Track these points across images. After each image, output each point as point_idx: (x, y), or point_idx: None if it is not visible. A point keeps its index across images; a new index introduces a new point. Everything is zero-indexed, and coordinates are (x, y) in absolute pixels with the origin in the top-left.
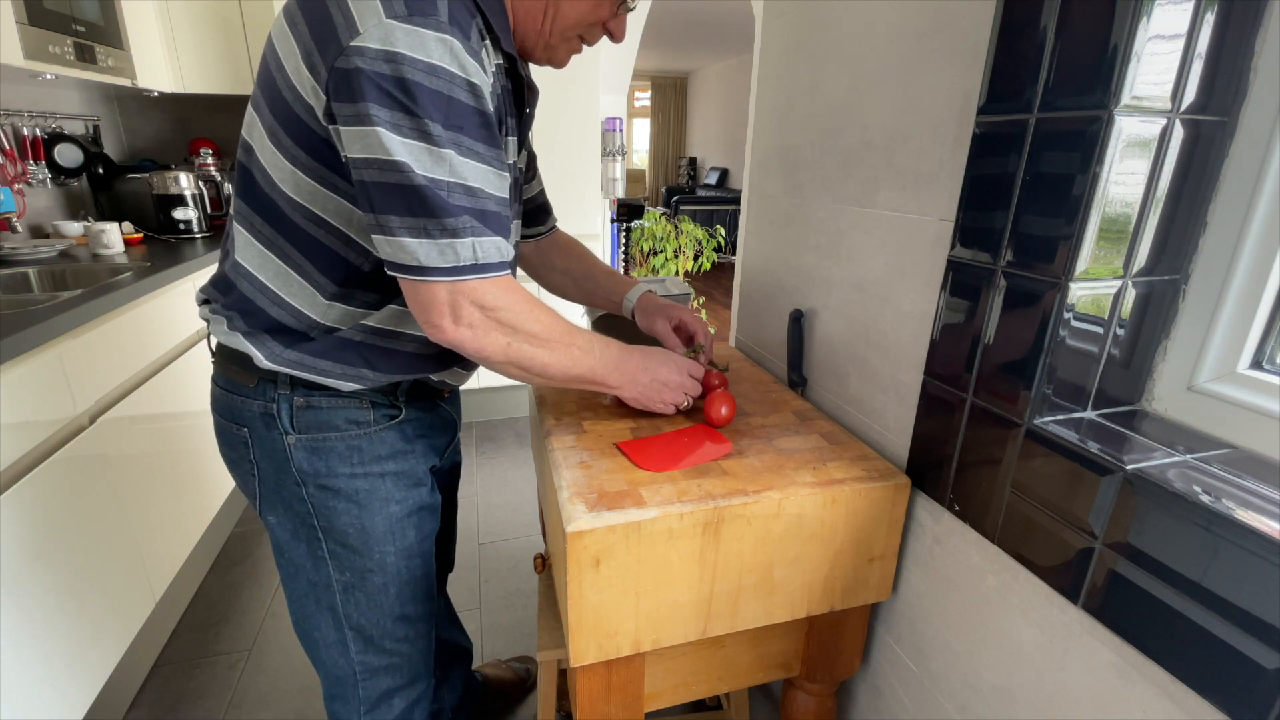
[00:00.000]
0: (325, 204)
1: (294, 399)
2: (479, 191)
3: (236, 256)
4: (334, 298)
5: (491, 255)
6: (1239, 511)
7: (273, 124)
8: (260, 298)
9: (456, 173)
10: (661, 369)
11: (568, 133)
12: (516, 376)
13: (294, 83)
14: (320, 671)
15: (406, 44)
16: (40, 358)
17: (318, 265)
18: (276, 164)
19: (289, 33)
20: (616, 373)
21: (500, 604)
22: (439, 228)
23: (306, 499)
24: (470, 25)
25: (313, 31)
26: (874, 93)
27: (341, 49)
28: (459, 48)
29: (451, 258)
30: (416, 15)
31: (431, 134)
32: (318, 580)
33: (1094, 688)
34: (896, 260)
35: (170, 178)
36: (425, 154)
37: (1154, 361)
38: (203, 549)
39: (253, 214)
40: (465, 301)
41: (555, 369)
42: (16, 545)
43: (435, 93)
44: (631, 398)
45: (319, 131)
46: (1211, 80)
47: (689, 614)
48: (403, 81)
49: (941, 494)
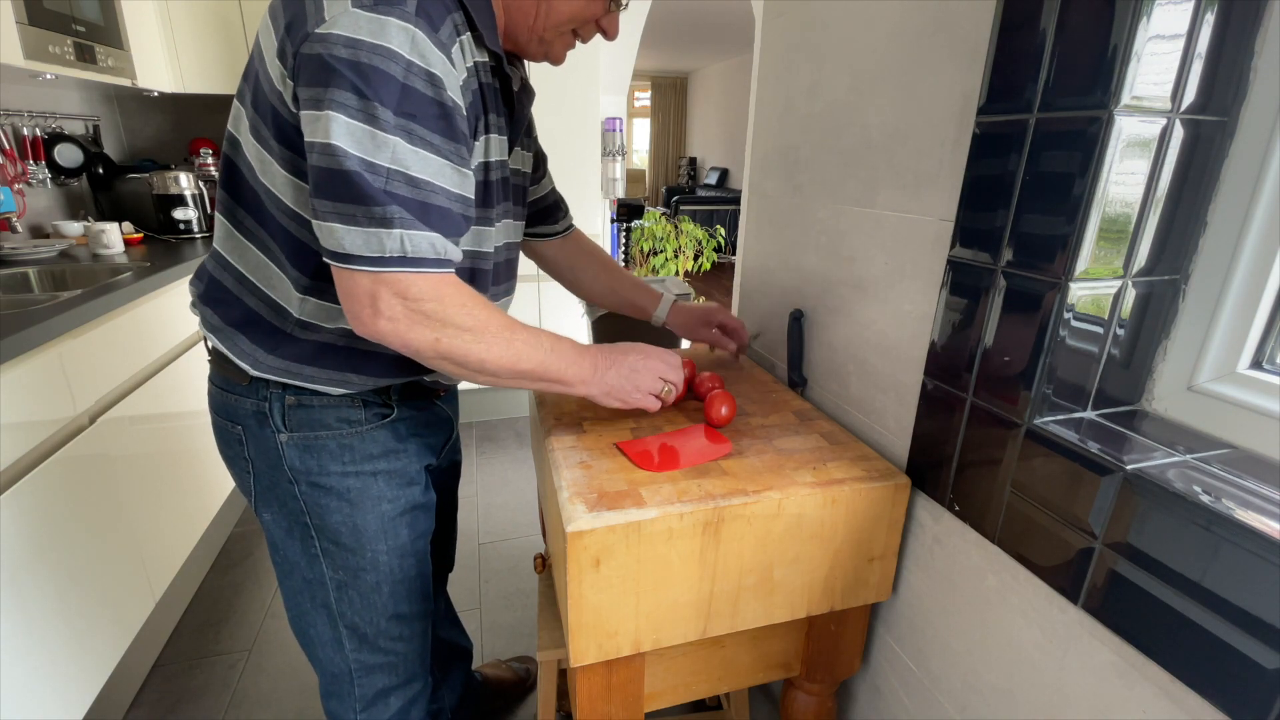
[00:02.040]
0: (295, 195)
1: (285, 398)
2: (424, 183)
3: (215, 245)
4: (306, 291)
5: (423, 250)
6: (1239, 511)
7: (254, 117)
8: (238, 287)
9: (399, 160)
10: (632, 357)
11: (568, 133)
12: (456, 374)
13: (270, 73)
14: (316, 669)
15: (368, 30)
16: (40, 358)
17: (289, 257)
18: (259, 156)
19: (270, 25)
20: (574, 368)
21: (500, 604)
22: (366, 216)
23: (299, 497)
24: (443, 19)
25: (286, 21)
26: (874, 93)
27: (307, 35)
28: (422, 38)
29: (376, 247)
30: (382, 4)
31: (378, 118)
32: (312, 578)
33: (1094, 688)
34: (896, 260)
35: (170, 178)
36: (368, 138)
37: (1154, 361)
38: (203, 549)
39: (235, 205)
40: (386, 292)
41: (494, 363)
42: (16, 545)
43: (389, 77)
44: (601, 394)
45: (290, 120)
46: (1211, 80)
47: (689, 614)
48: (358, 65)
49: (941, 494)
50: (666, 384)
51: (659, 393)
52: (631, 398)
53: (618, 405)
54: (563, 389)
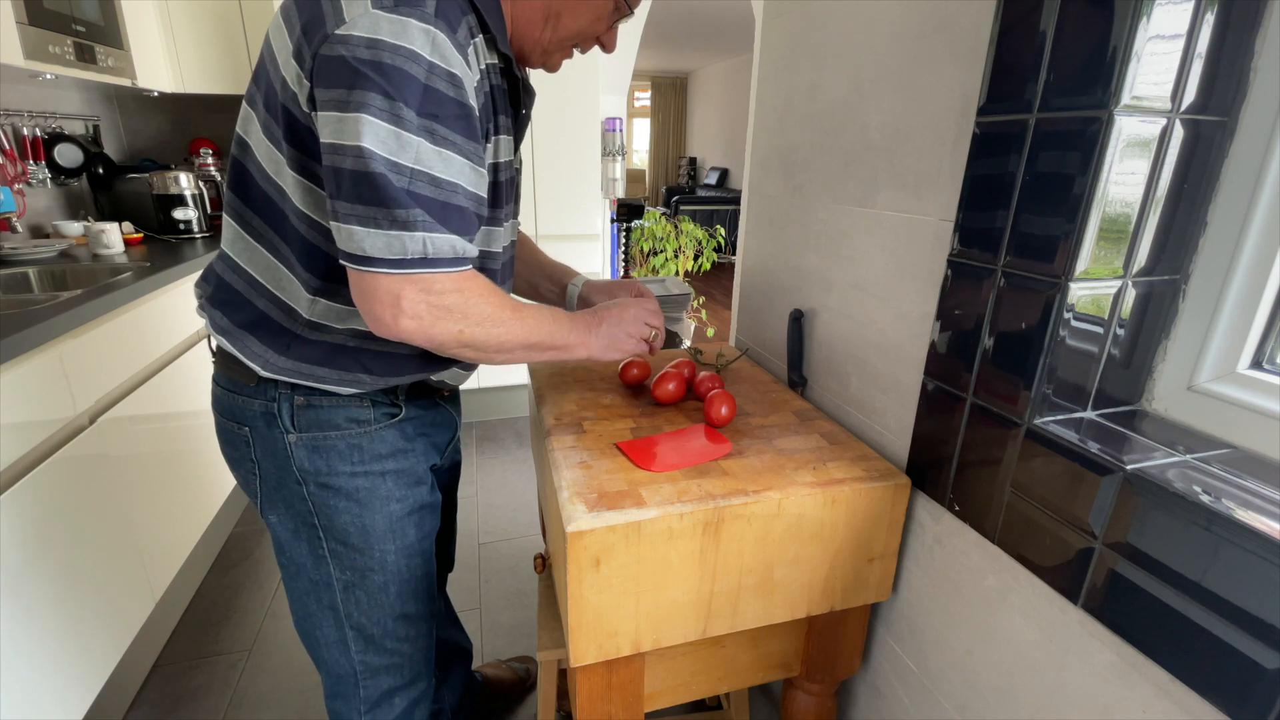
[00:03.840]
0: (304, 196)
1: (294, 398)
2: (446, 183)
3: (224, 248)
4: (317, 292)
5: (444, 251)
6: (1239, 511)
7: (266, 118)
8: (248, 290)
9: (422, 161)
10: (614, 311)
11: (568, 133)
12: (474, 359)
13: (284, 74)
14: (321, 670)
15: (389, 31)
16: (40, 358)
17: (300, 258)
18: (271, 156)
19: (284, 27)
20: (574, 334)
21: (500, 604)
22: (388, 218)
23: (307, 498)
24: (459, 20)
25: (303, 22)
26: (874, 93)
27: (327, 36)
28: (443, 39)
29: (399, 250)
30: (403, 5)
31: (403, 118)
32: (318, 579)
33: (1094, 688)
34: (896, 260)
35: (170, 178)
36: (393, 138)
37: (1154, 361)
38: (203, 549)
39: (244, 207)
40: (411, 290)
41: (512, 342)
42: (16, 545)
43: (413, 78)
44: (600, 350)
45: (303, 121)
46: (1211, 80)
47: (689, 614)
48: (380, 65)
49: (941, 494)
50: (651, 328)
51: (648, 337)
52: (626, 345)
53: (617, 356)
54: (564, 354)
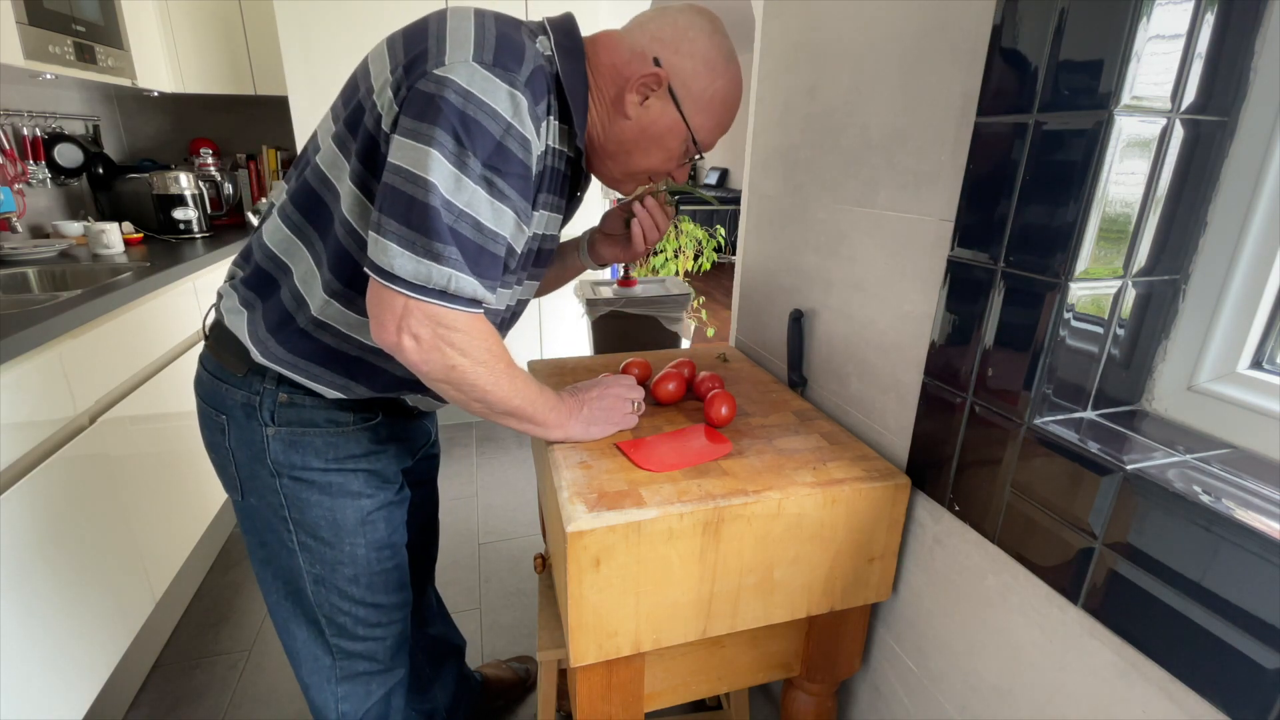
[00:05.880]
0: (355, 207)
1: (278, 394)
2: (489, 231)
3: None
4: (334, 295)
5: (464, 291)
6: (1239, 511)
7: (343, 132)
8: (278, 272)
9: (473, 206)
10: (594, 392)
11: None
12: (452, 398)
13: (375, 100)
14: (294, 661)
15: (481, 87)
16: (40, 358)
17: (330, 260)
18: (335, 163)
19: (386, 57)
20: (553, 414)
21: (500, 604)
22: (425, 248)
23: (280, 490)
24: (544, 96)
25: (407, 53)
26: (874, 93)
27: (425, 73)
28: (525, 106)
29: (424, 277)
30: (499, 67)
31: (468, 165)
32: (290, 568)
33: (1094, 688)
34: (896, 260)
35: (170, 178)
36: (453, 179)
37: (1154, 361)
38: (203, 549)
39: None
40: (420, 315)
41: (493, 396)
42: (17, 545)
43: (488, 134)
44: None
45: (377, 138)
46: (1211, 80)
47: (689, 614)
48: (464, 116)
49: (941, 494)
50: (634, 401)
51: (633, 410)
52: (618, 424)
53: (598, 436)
54: (537, 430)
